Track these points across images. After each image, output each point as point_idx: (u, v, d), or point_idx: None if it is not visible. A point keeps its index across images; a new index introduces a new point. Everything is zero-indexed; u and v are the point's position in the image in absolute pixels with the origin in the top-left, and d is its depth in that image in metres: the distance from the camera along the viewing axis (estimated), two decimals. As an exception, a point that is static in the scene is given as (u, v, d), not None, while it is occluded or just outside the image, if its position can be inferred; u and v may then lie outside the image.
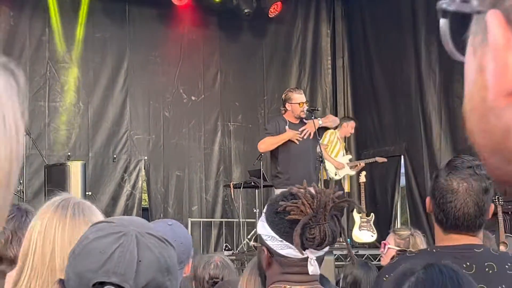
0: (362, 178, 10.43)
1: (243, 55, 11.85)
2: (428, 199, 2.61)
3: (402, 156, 11.02)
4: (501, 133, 0.64)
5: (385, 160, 10.50)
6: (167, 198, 11.01)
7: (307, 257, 2.13)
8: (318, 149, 8.42)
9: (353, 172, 10.50)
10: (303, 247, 2.11)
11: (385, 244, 4.89)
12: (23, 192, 8.80)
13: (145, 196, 11.22)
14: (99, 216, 2.15)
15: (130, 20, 11.04)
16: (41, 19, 10.44)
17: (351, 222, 11.18)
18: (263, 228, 2.22)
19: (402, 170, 11.15)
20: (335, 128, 10.19)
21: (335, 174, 10.27)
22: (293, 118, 8.47)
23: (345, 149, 10.65)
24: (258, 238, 2.32)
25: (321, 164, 8.38)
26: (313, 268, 2.14)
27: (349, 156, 10.61)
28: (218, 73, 11.65)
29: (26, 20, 10.33)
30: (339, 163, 10.27)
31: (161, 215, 10.85)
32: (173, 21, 11.34)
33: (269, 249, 2.19)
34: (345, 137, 10.69)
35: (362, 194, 10.45)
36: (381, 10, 11.46)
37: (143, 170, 10.90)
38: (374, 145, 11.44)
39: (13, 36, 10.23)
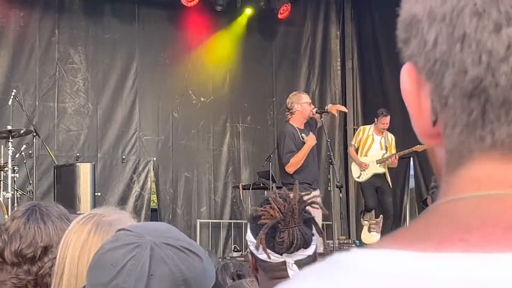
0: (390, 183, 10.39)
1: (252, 57, 11.84)
2: (429, 199, 2.59)
3: (411, 158, 11.00)
4: (439, 168, 0.71)
5: (425, 147, 10.13)
6: (176, 199, 11.01)
7: (285, 261, 2.14)
8: (328, 151, 8.38)
9: (382, 170, 10.25)
10: (277, 252, 2.13)
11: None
12: (32, 192, 8.81)
13: (154, 197, 11.22)
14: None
15: (139, 21, 11.05)
16: (50, 20, 10.46)
17: (360, 224, 11.17)
18: (248, 234, 2.26)
19: (412, 172, 11.13)
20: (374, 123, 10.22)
21: (358, 177, 10.20)
22: (299, 122, 8.34)
23: (386, 145, 10.31)
24: None
25: (331, 166, 8.34)
26: (293, 272, 2.15)
27: (383, 152, 10.26)
28: (227, 74, 11.65)
29: (35, 21, 10.35)
30: (362, 163, 10.17)
31: (170, 216, 10.86)
32: (183, 22, 11.34)
33: (253, 255, 2.22)
34: (385, 131, 10.36)
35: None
36: (390, 11, 11.28)
37: (152, 171, 10.90)
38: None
39: (23, 37, 10.25)
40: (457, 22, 0.63)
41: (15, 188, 8.50)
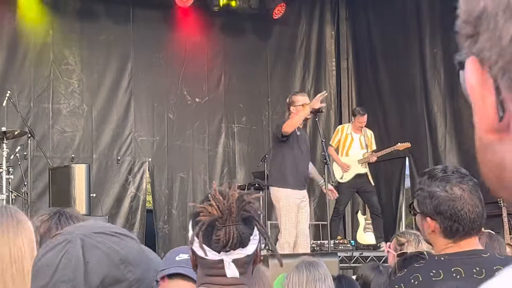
0: (372, 181, 10.38)
1: (247, 57, 11.84)
2: (429, 220, 2.57)
3: (407, 158, 11.00)
4: (496, 168, 0.69)
5: (408, 145, 10.18)
6: (171, 199, 11.00)
7: (222, 260, 2.15)
8: (322, 150, 8.38)
9: (364, 170, 10.27)
10: (214, 249, 2.13)
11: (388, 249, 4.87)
12: (27, 194, 8.79)
13: (149, 197, 11.21)
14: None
15: (134, 22, 11.04)
16: (45, 22, 10.44)
17: (355, 224, 11.17)
18: (190, 229, 2.24)
19: (407, 171, 11.13)
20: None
21: (341, 178, 10.18)
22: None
23: (366, 143, 10.31)
24: None
25: (326, 166, 8.33)
26: (230, 271, 2.15)
27: (364, 151, 10.26)
28: (222, 74, 11.64)
29: (30, 22, 10.33)
30: (344, 164, 10.15)
31: (165, 217, 10.85)
32: (177, 23, 11.33)
33: (192, 251, 2.23)
34: (363, 128, 10.35)
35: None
36: (385, 11, 11.45)
37: (147, 171, 10.89)
38: (379, 147, 11.40)
39: (17, 39, 10.24)
40: None
41: (10, 189, 8.48)
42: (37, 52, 10.36)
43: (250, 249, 2.18)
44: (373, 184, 10.35)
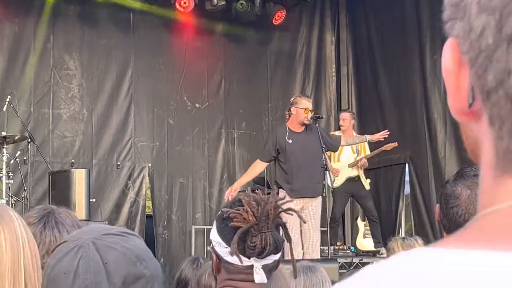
0: (367, 186, 10.39)
1: (248, 63, 11.85)
2: (437, 207, 2.60)
3: (406, 164, 11.00)
4: (474, 143, 0.70)
5: (395, 145, 10.16)
6: (171, 205, 11.00)
7: (252, 265, 2.13)
8: (322, 157, 8.36)
9: (355, 173, 10.25)
10: (246, 255, 2.11)
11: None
12: (27, 198, 8.79)
13: (149, 203, 11.21)
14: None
15: (134, 27, 11.05)
16: (46, 26, 10.45)
17: (355, 230, 11.17)
18: (213, 233, 2.23)
19: (407, 178, 11.13)
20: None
21: (333, 183, 10.13)
22: (296, 125, 8.35)
23: (357, 147, 10.31)
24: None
25: (325, 172, 8.33)
26: (259, 276, 2.14)
27: (355, 155, 10.27)
28: (222, 80, 11.65)
29: (31, 27, 10.34)
30: (333, 169, 10.08)
31: (165, 222, 10.84)
32: (178, 28, 11.35)
33: (217, 255, 2.19)
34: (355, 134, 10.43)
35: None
36: (385, 17, 11.46)
37: (147, 177, 10.89)
38: (379, 153, 11.41)
39: (18, 43, 10.24)
40: (506, 21, 0.61)
41: (10, 194, 8.48)
42: (38, 57, 10.37)
43: (278, 255, 2.18)
44: (367, 188, 10.33)
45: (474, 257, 0.57)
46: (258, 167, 8.67)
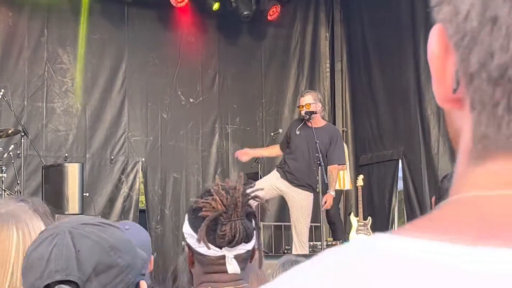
0: (360, 182, 10.41)
1: (242, 58, 11.85)
2: (433, 198, 2.61)
3: (400, 160, 11.02)
4: (456, 132, 0.71)
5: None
6: (164, 200, 11.00)
7: (224, 256, 2.12)
8: (316, 153, 8.44)
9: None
10: (217, 245, 2.10)
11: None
12: (20, 192, 8.78)
13: (142, 198, 11.20)
14: (11, 231, 2.09)
15: (128, 21, 11.03)
16: (39, 20, 10.43)
17: (348, 225, 11.18)
18: (185, 226, 2.22)
19: (400, 174, 11.15)
20: None
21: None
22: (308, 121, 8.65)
23: None
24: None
25: (319, 167, 8.37)
26: (231, 267, 2.13)
27: None
28: (216, 75, 11.65)
29: (24, 20, 10.32)
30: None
31: (158, 217, 10.85)
32: (172, 23, 11.33)
33: (190, 248, 2.19)
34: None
35: (360, 198, 10.43)
36: (380, 14, 11.47)
37: (140, 171, 10.89)
38: (372, 149, 11.44)
39: (11, 37, 10.22)
40: (490, 2, 0.62)
41: (3, 188, 8.47)
42: (32, 51, 10.35)
43: (251, 244, 2.16)
44: (345, 188, 10.51)
45: (418, 245, 0.58)
46: (274, 149, 9.21)
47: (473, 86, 0.64)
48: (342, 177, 10.59)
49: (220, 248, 2.11)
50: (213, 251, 2.11)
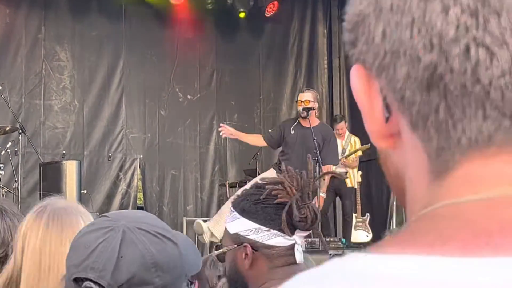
0: (358, 178, 10.41)
1: (239, 55, 11.84)
2: None
3: (398, 156, 11.00)
4: (395, 177, 0.70)
5: (367, 147, 10.08)
6: (162, 197, 11.00)
7: (294, 245, 2.12)
8: (314, 150, 8.43)
9: (342, 170, 10.25)
10: (293, 230, 2.11)
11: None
12: (18, 190, 8.77)
13: (140, 195, 11.20)
14: (80, 220, 2.10)
15: (126, 18, 11.02)
16: (37, 17, 10.42)
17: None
18: (241, 224, 2.17)
19: (398, 170, 11.13)
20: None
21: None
22: (301, 118, 8.64)
23: (347, 147, 10.49)
24: (225, 241, 2.26)
25: (317, 163, 8.37)
26: (300, 255, 2.13)
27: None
28: (214, 72, 11.64)
29: (22, 18, 10.31)
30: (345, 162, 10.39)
31: (156, 214, 10.83)
32: (170, 20, 11.32)
33: (254, 245, 2.16)
34: (349, 135, 10.61)
35: (358, 194, 10.43)
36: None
37: (138, 168, 10.88)
38: (370, 146, 11.42)
39: (9, 34, 10.21)
40: (404, 9, 0.62)
41: (1, 185, 8.46)
42: (29, 48, 10.34)
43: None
44: (351, 186, 10.42)
45: (394, 263, 0.56)
46: (258, 139, 9.06)
47: (407, 102, 0.63)
48: (353, 175, 10.55)
49: (301, 230, 2.12)
50: (286, 240, 2.11)
